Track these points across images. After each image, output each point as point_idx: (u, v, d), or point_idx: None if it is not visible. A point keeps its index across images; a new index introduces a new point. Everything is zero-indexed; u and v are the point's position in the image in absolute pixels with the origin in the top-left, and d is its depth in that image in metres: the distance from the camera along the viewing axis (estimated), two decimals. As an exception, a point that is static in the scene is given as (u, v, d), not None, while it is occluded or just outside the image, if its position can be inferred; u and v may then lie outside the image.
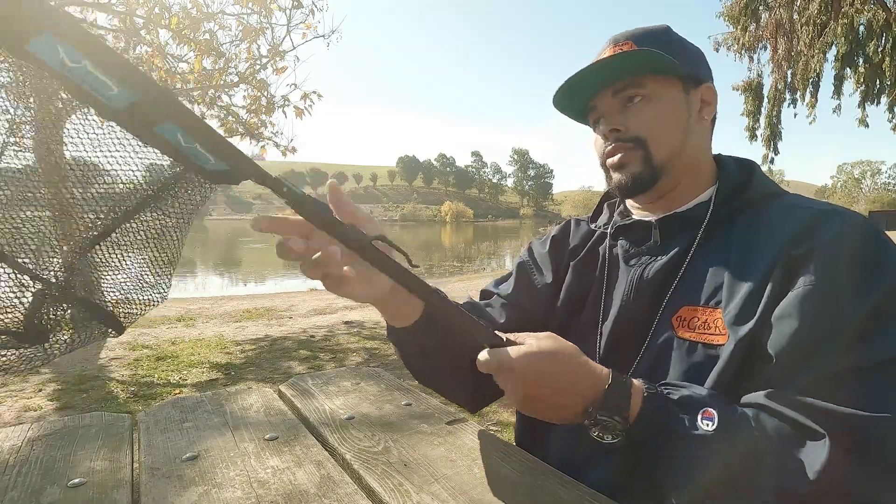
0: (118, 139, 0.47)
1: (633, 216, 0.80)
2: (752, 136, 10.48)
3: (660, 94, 0.73)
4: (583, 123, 0.83)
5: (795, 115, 10.14)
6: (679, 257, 0.72)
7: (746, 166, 0.76)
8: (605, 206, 0.88)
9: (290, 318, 6.72)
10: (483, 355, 0.57)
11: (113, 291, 0.48)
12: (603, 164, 0.78)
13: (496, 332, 0.58)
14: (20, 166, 0.52)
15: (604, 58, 0.71)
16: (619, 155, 0.74)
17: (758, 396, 0.58)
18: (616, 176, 0.75)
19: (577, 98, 0.78)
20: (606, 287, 0.78)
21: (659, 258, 0.73)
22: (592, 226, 0.88)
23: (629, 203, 0.83)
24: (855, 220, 0.63)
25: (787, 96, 10.11)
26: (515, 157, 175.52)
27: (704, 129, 0.77)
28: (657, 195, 0.76)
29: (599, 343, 0.76)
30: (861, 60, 9.10)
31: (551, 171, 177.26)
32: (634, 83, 0.72)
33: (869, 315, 0.55)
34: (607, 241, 0.82)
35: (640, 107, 0.73)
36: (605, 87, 0.74)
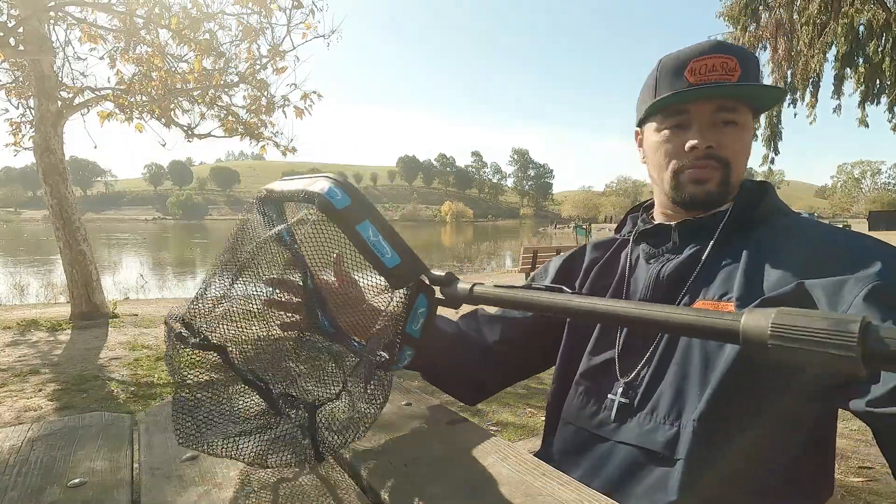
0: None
1: (655, 221, 0.87)
2: (753, 136, 10.47)
3: (746, 124, 0.78)
4: (652, 115, 0.82)
5: (795, 115, 10.13)
6: (695, 257, 0.77)
7: (763, 186, 0.82)
8: (629, 218, 0.94)
9: (290, 318, 6.71)
10: None
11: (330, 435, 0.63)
12: (675, 171, 0.79)
13: None
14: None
15: (728, 84, 0.74)
16: (704, 172, 0.77)
17: None
18: (692, 188, 0.78)
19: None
20: (627, 284, 0.84)
21: (677, 256, 0.80)
22: (617, 235, 0.94)
23: (656, 212, 0.88)
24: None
25: (787, 96, 10.10)
26: (515, 157, 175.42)
27: None
28: None
29: (620, 334, 0.81)
30: (861, 60, 9.09)
31: (551, 171, 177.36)
32: (736, 108, 0.76)
33: None
34: (629, 246, 0.88)
35: (734, 132, 0.77)
36: (710, 99, 0.76)
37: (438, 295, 0.66)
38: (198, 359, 0.62)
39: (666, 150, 0.79)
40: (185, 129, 7.29)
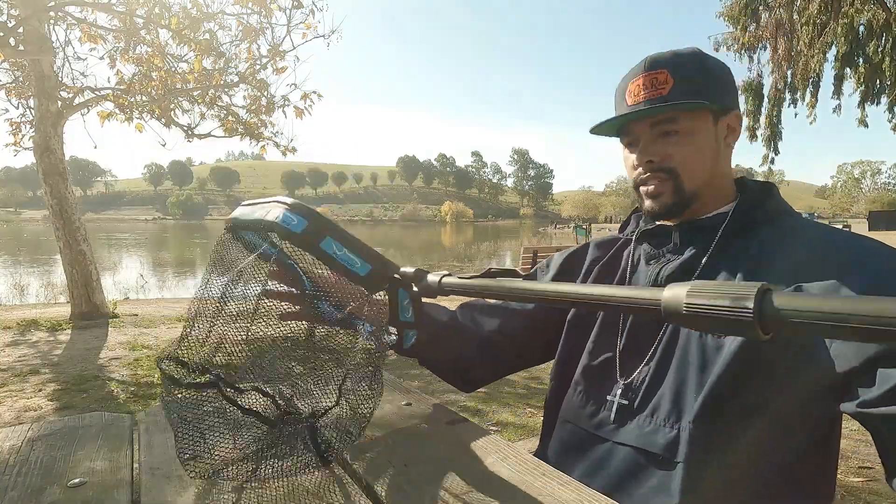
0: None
1: (657, 222, 0.87)
2: (753, 136, 10.47)
3: (692, 129, 0.77)
4: (613, 137, 0.88)
5: (796, 115, 10.14)
6: (696, 258, 0.78)
7: (766, 187, 0.82)
8: (633, 217, 0.94)
9: (290, 318, 6.70)
10: None
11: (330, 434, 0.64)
12: (635, 187, 0.84)
13: None
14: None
15: (639, 107, 0.77)
16: (653, 185, 0.80)
17: None
18: (649, 203, 0.81)
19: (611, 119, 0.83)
20: (628, 284, 0.85)
21: (677, 258, 0.79)
22: (620, 234, 0.94)
23: None
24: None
25: (787, 96, 10.10)
26: (515, 157, 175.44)
27: (728, 153, 0.82)
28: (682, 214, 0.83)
29: (621, 335, 0.81)
30: (861, 60, 9.08)
31: (551, 171, 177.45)
32: (671, 118, 0.78)
33: None
34: (632, 245, 0.88)
35: (675, 140, 0.78)
36: (643, 117, 0.78)
37: (414, 289, 0.70)
38: (195, 396, 0.62)
39: (627, 167, 0.85)
40: (185, 129, 7.29)
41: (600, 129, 0.84)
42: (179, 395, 0.62)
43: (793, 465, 0.69)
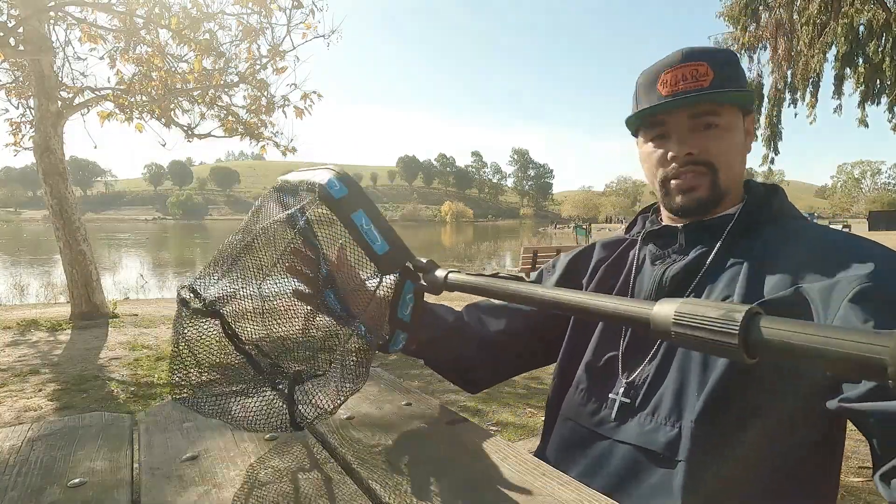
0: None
1: (663, 223, 0.86)
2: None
3: (731, 125, 0.77)
4: (635, 131, 0.86)
5: (796, 115, 10.14)
6: (701, 259, 0.77)
7: (772, 188, 0.82)
8: (639, 217, 0.94)
9: (290, 318, 6.69)
10: None
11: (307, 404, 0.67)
12: (662, 180, 0.81)
13: None
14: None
15: (696, 91, 0.75)
16: (688, 179, 0.78)
17: None
18: (681, 198, 0.79)
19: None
20: (633, 284, 0.84)
21: (682, 258, 0.79)
22: (626, 235, 0.94)
23: (663, 213, 0.88)
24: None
25: (787, 96, 10.11)
26: (515, 157, 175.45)
27: (746, 155, 0.82)
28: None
29: (624, 334, 0.81)
30: (861, 60, 9.09)
31: (551, 171, 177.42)
32: (713, 111, 0.76)
33: None
34: (637, 245, 0.88)
35: (716, 134, 0.76)
36: (681, 108, 0.77)
37: (422, 282, 0.70)
38: (199, 325, 0.67)
39: (652, 161, 0.82)
40: (185, 129, 7.29)
41: (631, 121, 0.83)
42: (188, 319, 0.67)
43: (794, 464, 0.69)
